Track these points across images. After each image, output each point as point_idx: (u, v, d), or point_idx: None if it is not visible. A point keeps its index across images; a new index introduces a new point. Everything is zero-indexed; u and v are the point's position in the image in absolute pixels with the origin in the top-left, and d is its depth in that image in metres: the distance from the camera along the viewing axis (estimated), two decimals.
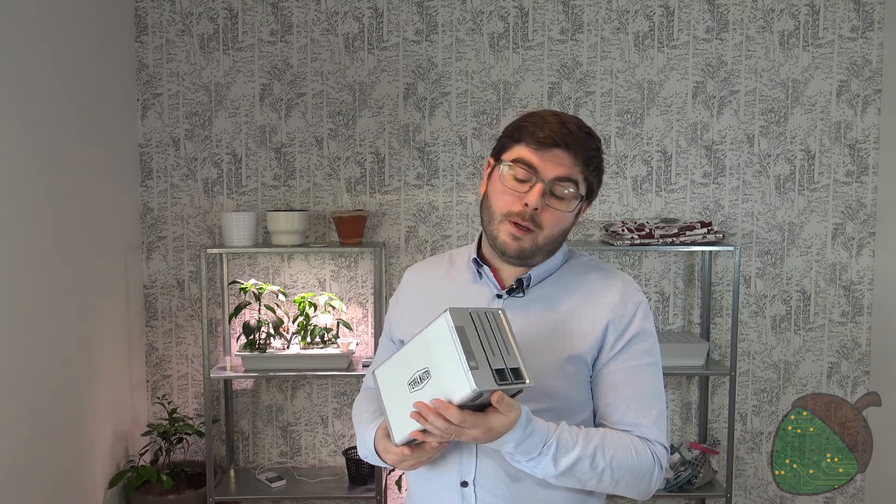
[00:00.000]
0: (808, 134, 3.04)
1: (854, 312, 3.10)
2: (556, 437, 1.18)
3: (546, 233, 1.27)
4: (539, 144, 1.25)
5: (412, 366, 1.14)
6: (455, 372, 1.07)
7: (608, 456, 1.21)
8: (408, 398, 1.14)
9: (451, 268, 1.43)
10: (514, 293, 1.33)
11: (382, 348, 1.52)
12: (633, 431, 1.27)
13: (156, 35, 3.01)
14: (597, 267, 1.38)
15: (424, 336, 1.13)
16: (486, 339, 1.10)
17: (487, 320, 1.13)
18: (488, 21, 3.01)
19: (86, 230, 2.61)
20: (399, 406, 1.16)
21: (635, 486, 1.26)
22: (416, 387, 1.13)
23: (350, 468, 2.96)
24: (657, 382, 1.32)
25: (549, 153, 1.24)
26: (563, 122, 1.26)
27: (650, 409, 1.28)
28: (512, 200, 1.27)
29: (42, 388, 2.31)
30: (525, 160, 1.25)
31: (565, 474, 1.19)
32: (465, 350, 1.06)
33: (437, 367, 1.10)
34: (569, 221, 1.31)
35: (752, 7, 3.00)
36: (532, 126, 1.26)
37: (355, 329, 3.08)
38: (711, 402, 3.12)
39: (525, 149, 1.26)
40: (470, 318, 1.11)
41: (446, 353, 1.08)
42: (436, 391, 1.10)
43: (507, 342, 1.12)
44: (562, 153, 1.25)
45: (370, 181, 3.06)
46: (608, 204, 3.07)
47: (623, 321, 1.30)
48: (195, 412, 3.12)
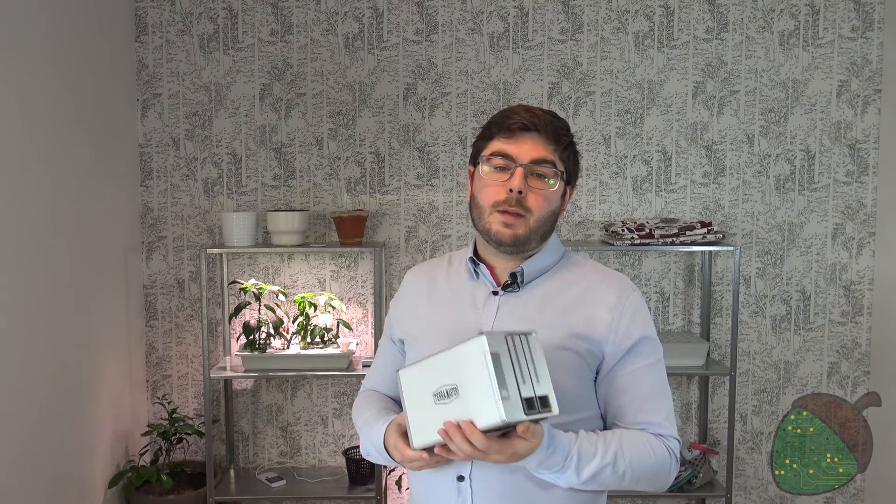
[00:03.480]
0: (808, 134, 3.04)
1: (854, 312, 3.10)
2: (577, 448, 1.20)
3: (536, 215, 1.30)
4: (509, 133, 1.30)
5: (440, 379, 1.16)
6: (485, 397, 1.09)
7: (627, 458, 1.24)
8: (433, 409, 1.16)
9: (450, 269, 1.45)
10: (508, 288, 1.35)
11: (383, 349, 1.53)
12: (648, 429, 1.30)
13: (156, 35, 3.01)
14: (592, 265, 1.40)
15: (458, 352, 1.14)
16: (517, 364, 1.12)
17: (521, 343, 1.15)
18: (488, 21, 3.01)
19: (86, 230, 2.61)
20: (422, 414, 1.19)
21: (654, 483, 1.30)
22: (443, 400, 1.15)
23: (350, 468, 2.96)
24: (663, 379, 1.35)
25: (521, 138, 1.30)
26: (528, 109, 1.32)
27: (661, 407, 1.32)
28: (496, 190, 1.30)
29: (42, 388, 2.31)
30: (500, 151, 1.30)
31: (588, 482, 1.22)
32: (497, 378, 1.08)
33: (467, 386, 1.12)
34: (556, 202, 1.33)
35: (752, 7, 3.00)
36: (500, 118, 1.32)
37: (355, 329, 3.08)
38: (711, 402, 3.12)
39: (498, 141, 1.31)
40: (504, 343, 1.12)
41: (478, 376, 1.10)
42: (462, 410, 1.12)
43: (539, 366, 1.14)
44: (533, 135, 1.30)
45: (370, 181, 3.06)
46: (608, 204, 3.07)
47: (622, 325, 1.31)
48: (195, 412, 3.12)
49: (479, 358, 1.10)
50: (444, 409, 1.14)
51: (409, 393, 1.21)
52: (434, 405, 1.16)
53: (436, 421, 1.15)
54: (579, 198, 3.06)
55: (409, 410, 1.21)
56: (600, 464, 1.21)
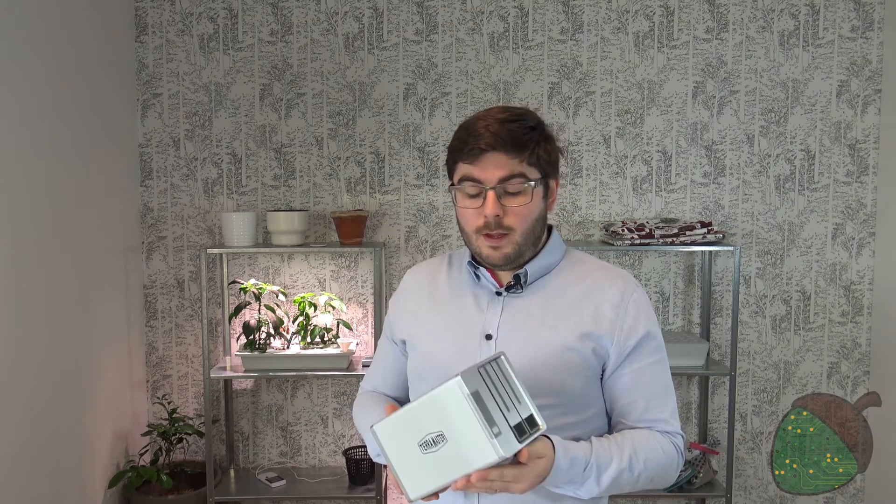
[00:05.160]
0: (808, 134, 3.04)
1: (854, 312, 3.10)
2: (595, 457, 1.20)
3: (519, 230, 1.29)
4: (472, 157, 1.27)
5: (422, 427, 1.12)
6: (477, 440, 1.07)
7: (642, 459, 1.25)
8: (422, 459, 1.13)
9: (451, 270, 1.44)
10: (512, 290, 1.34)
11: (382, 349, 1.52)
12: (654, 427, 1.31)
13: (156, 35, 3.01)
14: (595, 263, 1.40)
15: (436, 398, 1.11)
16: (498, 395, 1.10)
17: (494, 372, 1.13)
18: (488, 21, 3.01)
19: (86, 230, 2.61)
20: (412, 466, 1.15)
21: (664, 480, 1.32)
22: (430, 449, 1.12)
23: (350, 468, 2.96)
24: (667, 376, 1.36)
25: (484, 160, 1.26)
26: (485, 125, 1.26)
27: (666, 404, 1.33)
28: (474, 216, 1.29)
29: (42, 387, 2.31)
30: (467, 176, 1.28)
31: (609, 489, 1.23)
32: (485, 417, 1.06)
33: (454, 432, 1.09)
34: (538, 208, 1.31)
35: (752, 7, 3.00)
36: (460, 143, 1.29)
37: (355, 329, 3.08)
38: (711, 402, 3.12)
39: (463, 165, 1.29)
40: (480, 378, 1.10)
41: (464, 420, 1.08)
42: (454, 455, 1.09)
43: (516, 389, 1.13)
44: (495, 155, 1.25)
45: (370, 181, 3.06)
46: (608, 204, 3.07)
47: (627, 323, 1.31)
48: (195, 412, 3.12)
49: (461, 401, 1.07)
50: (435, 458, 1.11)
51: (391, 447, 1.16)
52: (422, 455, 1.12)
53: (428, 470, 1.12)
54: (579, 198, 3.06)
55: (397, 464, 1.16)
56: (618, 469, 1.21)
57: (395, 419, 1.16)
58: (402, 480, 1.16)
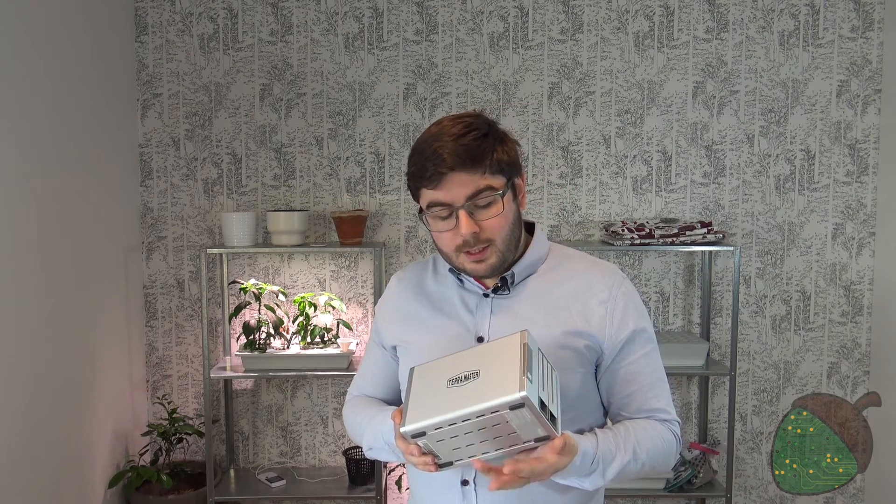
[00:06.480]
0: (808, 134, 3.04)
1: (854, 312, 3.10)
2: (601, 450, 1.21)
3: (499, 238, 1.28)
4: (434, 182, 1.24)
5: (462, 367, 1.13)
6: (507, 377, 1.06)
7: (644, 449, 1.27)
8: (441, 392, 1.12)
9: (436, 274, 1.43)
10: (499, 291, 1.34)
11: (371, 355, 1.51)
12: (652, 416, 1.33)
13: (156, 35, 3.01)
14: (580, 257, 1.40)
15: (488, 346, 1.14)
16: (543, 374, 1.12)
17: (548, 367, 1.15)
18: (488, 21, 3.01)
19: (86, 230, 2.61)
20: (426, 397, 1.13)
21: (664, 467, 1.35)
22: (457, 384, 1.11)
23: (350, 468, 2.97)
24: (660, 365, 1.37)
25: (447, 182, 1.23)
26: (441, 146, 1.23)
27: (661, 393, 1.35)
28: (451, 237, 1.27)
29: (42, 387, 2.31)
30: (434, 201, 1.26)
31: (613, 479, 1.24)
32: (527, 363, 1.08)
33: (488, 370, 1.10)
34: (512, 213, 1.30)
35: (752, 7, 3.00)
36: (419, 169, 1.25)
37: (355, 329, 3.08)
38: (711, 402, 3.12)
39: (427, 191, 1.26)
40: (539, 352, 1.13)
41: (505, 359, 1.08)
42: (476, 390, 1.08)
43: (556, 394, 1.15)
44: (456, 175, 1.23)
45: (370, 181, 3.06)
46: (608, 204, 3.07)
47: (616, 317, 1.32)
48: (195, 412, 3.12)
49: (514, 346, 1.10)
50: (456, 392, 1.10)
51: (418, 385, 1.16)
52: (445, 389, 1.12)
53: (440, 402, 1.10)
54: (579, 198, 3.06)
55: (413, 397, 1.15)
56: (622, 461, 1.23)
57: (440, 361, 1.18)
58: (409, 407, 1.13)
